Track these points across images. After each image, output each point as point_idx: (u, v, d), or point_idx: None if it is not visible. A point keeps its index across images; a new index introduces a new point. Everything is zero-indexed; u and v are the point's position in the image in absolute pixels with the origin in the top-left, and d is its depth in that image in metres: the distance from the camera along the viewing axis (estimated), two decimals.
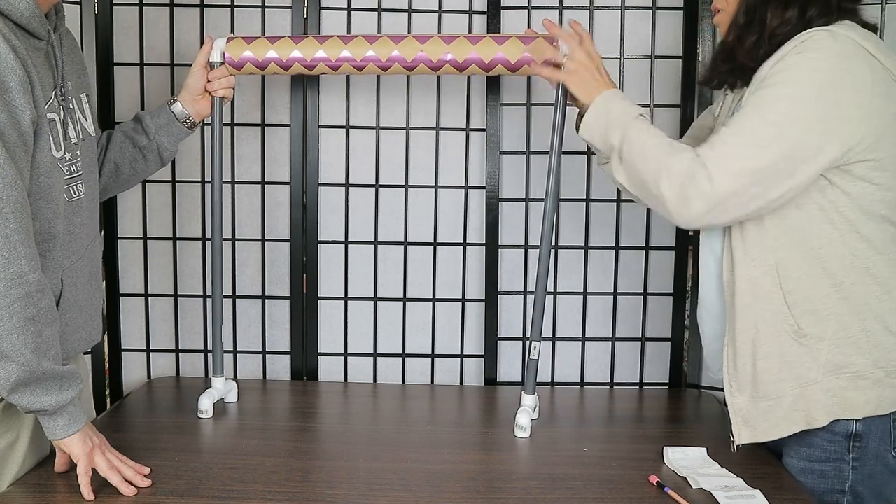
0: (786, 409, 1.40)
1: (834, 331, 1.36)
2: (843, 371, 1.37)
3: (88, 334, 1.49)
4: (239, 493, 1.38)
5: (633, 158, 1.40)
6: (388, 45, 1.68)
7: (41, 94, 1.30)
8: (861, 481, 1.39)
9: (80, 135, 1.45)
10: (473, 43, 1.65)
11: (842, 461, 1.39)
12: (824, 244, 1.36)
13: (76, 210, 1.43)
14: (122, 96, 2.00)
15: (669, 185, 1.34)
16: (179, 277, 2.05)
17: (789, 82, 1.30)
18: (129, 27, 1.99)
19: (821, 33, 1.31)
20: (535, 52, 1.62)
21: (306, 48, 1.69)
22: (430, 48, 1.66)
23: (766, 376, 1.40)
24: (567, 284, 2.07)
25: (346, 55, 1.68)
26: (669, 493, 1.39)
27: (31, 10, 1.28)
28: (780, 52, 1.34)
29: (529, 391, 1.71)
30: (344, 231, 2.05)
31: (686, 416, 1.88)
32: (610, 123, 1.44)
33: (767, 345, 1.40)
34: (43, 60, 1.34)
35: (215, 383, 1.80)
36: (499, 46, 1.64)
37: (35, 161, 1.30)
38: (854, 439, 1.38)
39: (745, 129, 1.31)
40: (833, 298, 1.36)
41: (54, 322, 1.30)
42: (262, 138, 2.02)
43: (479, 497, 1.39)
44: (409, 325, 2.08)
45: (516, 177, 2.04)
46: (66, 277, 1.40)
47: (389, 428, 1.73)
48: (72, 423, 1.33)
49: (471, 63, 1.66)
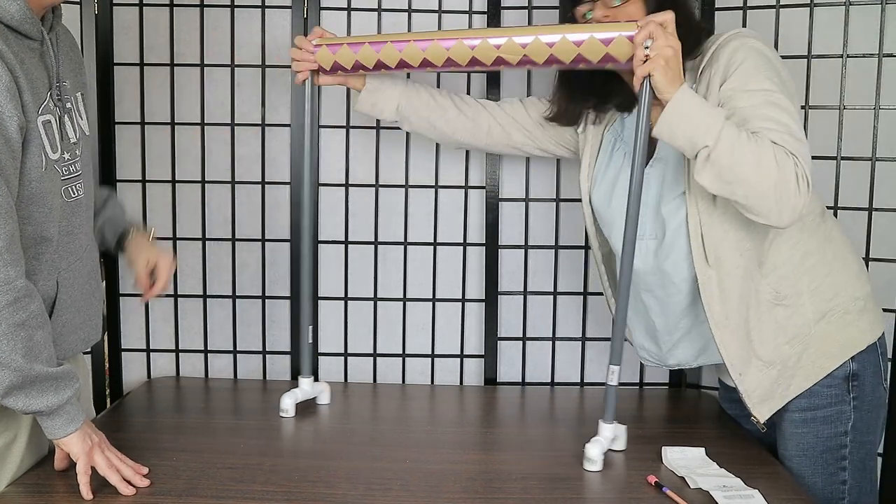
0: (793, 369, 1.50)
1: (807, 283, 1.50)
2: (830, 315, 1.50)
3: (87, 335, 1.49)
4: (238, 492, 1.38)
5: (735, 161, 1.33)
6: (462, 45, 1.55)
7: (32, 97, 1.28)
8: (860, 418, 1.50)
9: (77, 134, 1.44)
10: (550, 46, 1.49)
11: (843, 402, 1.50)
12: None
13: (75, 210, 1.42)
14: (123, 96, 2.00)
15: (798, 186, 1.33)
16: (179, 277, 2.05)
17: (761, 68, 1.42)
18: (129, 27, 1.99)
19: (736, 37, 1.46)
20: (616, 51, 1.44)
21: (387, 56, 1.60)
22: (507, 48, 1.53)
23: (766, 347, 1.49)
24: (567, 284, 2.06)
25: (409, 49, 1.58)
26: (668, 493, 1.38)
27: (21, 12, 1.26)
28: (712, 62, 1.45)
29: (608, 420, 1.53)
30: (344, 231, 2.05)
31: (685, 416, 1.87)
32: (701, 122, 1.35)
33: (757, 320, 1.49)
34: (37, 61, 1.33)
35: (302, 384, 1.79)
36: (577, 48, 1.46)
37: (26, 166, 1.28)
38: (852, 379, 1.50)
39: (788, 110, 1.37)
40: (796, 256, 1.49)
41: (45, 325, 1.30)
42: (262, 138, 2.02)
43: (479, 497, 1.39)
44: (409, 325, 2.08)
45: (516, 177, 2.04)
46: (62, 279, 1.39)
47: (389, 428, 1.73)
48: (70, 422, 1.33)
49: (551, 63, 1.51)
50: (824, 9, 1.85)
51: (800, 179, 1.33)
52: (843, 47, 1.84)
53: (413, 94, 1.75)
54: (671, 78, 1.35)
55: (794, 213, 1.35)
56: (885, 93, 1.83)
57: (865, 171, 1.85)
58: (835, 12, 1.84)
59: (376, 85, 1.73)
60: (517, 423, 1.81)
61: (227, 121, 2.02)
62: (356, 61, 1.64)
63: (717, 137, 1.33)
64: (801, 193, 1.33)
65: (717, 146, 1.33)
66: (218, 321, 2.07)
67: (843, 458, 1.52)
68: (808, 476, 1.52)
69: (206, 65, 2.00)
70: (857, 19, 1.83)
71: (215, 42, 2.00)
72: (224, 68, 2.00)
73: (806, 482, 1.52)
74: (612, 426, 1.53)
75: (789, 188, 1.32)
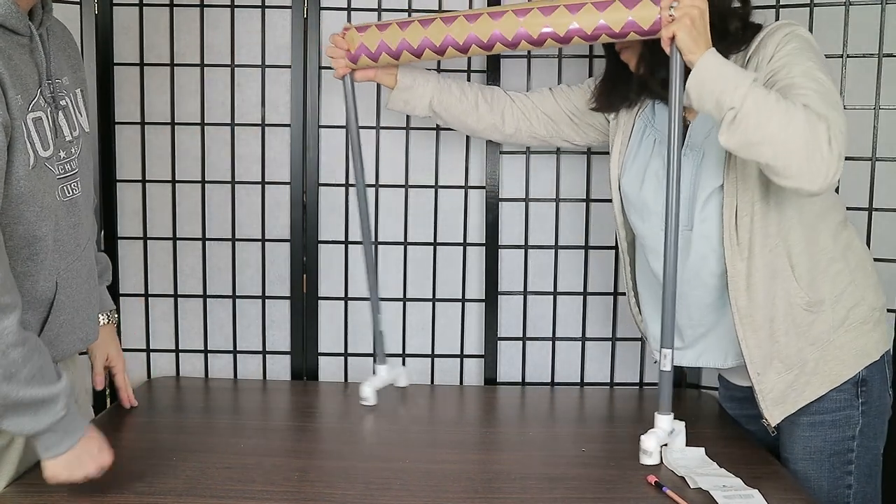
0: (809, 374, 1.49)
1: (830, 290, 1.49)
2: (848, 323, 1.50)
3: (85, 334, 1.47)
4: (237, 492, 1.38)
5: (763, 120, 1.31)
6: (487, 20, 1.56)
7: (18, 95, 1.25)
8: (868, 423, 1.50)
9: (75, 131, 1.42)
10: (574, 12, 1.49)
11: (851, 407, 1.50)
12: (818, 215, 1.48)
13: (71, 210, 1.40)
14: (123, 96, 2.00)
15: (830, 147, 1.30)
16: (179, 277, 2.06)
17: (806, 55, 1.42)
18: (129, 27, 1.99)
19: (786, 26, 1.45)
20: (639, 16, 1.44)
21: (412, 34, 1.61)
22: (530, 21, 1.53)
23: (787, 350, 1.49)
24: (567, 284, 2.06)
25: (432, 45, 1.60)
26: (668, 492, 1.38)
27: (6, 6, 1.24)
28: (759, 49, 1.44)
29: (665, 410, 1.50)
30: (344, 231, 2.05)
31: (685, 416, 1.86)
32: (728, 83, 1.33)
33: (786, 320, 1.48)
34: (27, 57, 1.30)
35: (379, 371, 1.81)
36: (601, 13, 1.47)
37: (13, 165, 1.25)
38: (861, 384, 1.50)
39: (826, 83, 1.37)
40: (823, 261, 1.49)
41: (23, 343, 1.22)
42: (262, 138, 2.02)
43: (479, 497, 1.39)
44: (409, 325, 2.08)
45: (516, 177, 2.04)
46: (61, 280, 1.37)
47: (389, 428, 1.73)
48: (48, 448, 1.27)
49: (573, 35, 1.51)
50: (824, 9, 1.85)
51: (832, 142, 1.30)
52: (843, 47, 1.84)
53: (445, 91, 1.75)
54: (696, 38, 1.36)
55: (825, 177, 1.31)
56: (885, 93, 1.83)
57: (865, 171, 1.85)
58: (835, 12, 1.84)
59: (408, 83, 1.74)
60: (517, 423, 1.81)
61: (227, 121, 2.02)
62: (381, 41, 1.65)
63: (744, 96, 1.31)
64: (833, 156, 1.30)
65: (745, 105, 1.31)
66: (218, 321, 2.07)
67: (850, 463, 1.51)
68: (814, 479, 1.52)
69: (206, 65, 2.00)
70: (857, 19, 1.83)
71: (215, 42, 2.00)
72: (224, 68, 2.01)
73: (811, 485, 1.51)
74: (669, 418, 1.50)
75: (821, 148, 1.29)
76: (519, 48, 1.57)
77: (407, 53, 1.64)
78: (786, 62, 1.40)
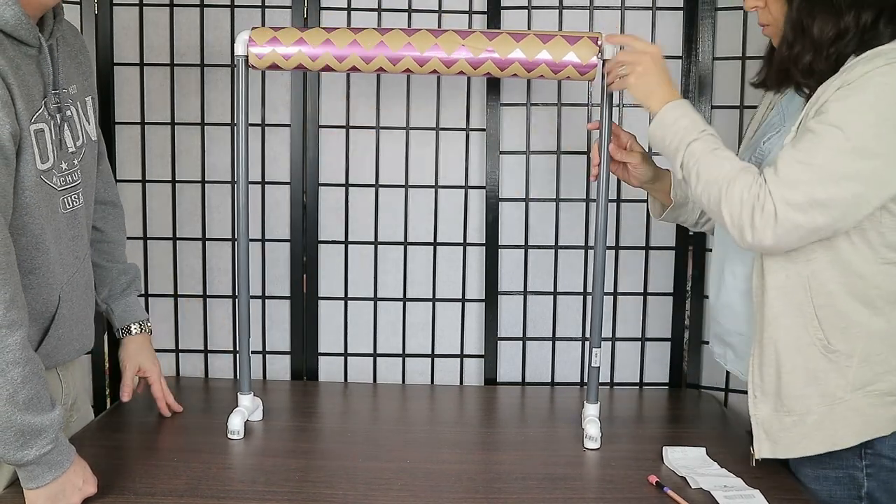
0: (810, 427, 1.36)
1: (863, 348, 1.33)
2: (871, 388, 1.33)
3: (81, 345, 1.47)
4: (238, 493, 1.38)
5: (693, 180, 1.34)
6: (427, 38, 1.55)
7: (25, 106, 1.24)
8: (878, 487, 1.36)
9: (79, 141, 1.40)
10: (517, 40, 1.52)
11: (854, 468, 1.37)
12: (864, 267, 1.31)
13: (71, 222, 1.39)
14: (123, 96, 2.00)
15: (730, 213, 1.29)
16: (179, 277, 2.06)
17: (858, 111, 1.23)
18: (129, 27, 1.99)
19: (892, 55, 1.24)
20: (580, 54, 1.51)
21: (339, 38, 1.55)
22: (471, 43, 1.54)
23: (791, 389, 1.36)
24: (567, 284, 2.06)
25: (362, 52, 1.55)
26: (668, 492, 1.38)
27: (16, 17, 1.23)
28: (845, 73, 1.27)
29: (592, 399, 1.65)
30: (344, 231, 2.05)
31: (685, 415, 1.87)
32: (672, 139, 1.37)
33: (794, 356, 1.36)
34: (34, 68, 1.29)
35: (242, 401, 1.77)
36: (544, 45, 1.52)
37: (19, 175, 1.25)
38: (865, 447, 1.35)
39: (815, 161, 1.24)
40: (864, 317, 1.32)
41: (25, 363, 1.19)
42: (262, 138, 2.02)
43: (479, 497, 1.39)
44: (409, 325, 2.08)
45: (516, 177, 2.04)
46: (63, 293, 1.37)
47: (389, 428, 1.73)
48: (32, 479, 1.24)
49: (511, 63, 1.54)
50: None
51: (756, 212, 1.26)
52: None
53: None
54: (650, 87, 1.41)
55: (760, 245, 1.28)
56: None
57: None
58: None
59: (681, 201, 1.66)
60: (517, 423, 1.81)
61: (227, 121, 2.02)
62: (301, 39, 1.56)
63: (681, 163, 1.36)
64: (763, 226, 1.26)
65: (683, 171, 1.37)
66: (218, 321, 2.07)
67: None
68: None
69: (206, 65, 2.00)
70: None
71: (215, 42, 2.00)
72: (224, 68, 2.00)
73: None
74: (597, 406, 1.65)
75: (743, 218, 1.28)
76: (453, 67, 1.55)
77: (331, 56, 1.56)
78: (830, 116, 1.25)
